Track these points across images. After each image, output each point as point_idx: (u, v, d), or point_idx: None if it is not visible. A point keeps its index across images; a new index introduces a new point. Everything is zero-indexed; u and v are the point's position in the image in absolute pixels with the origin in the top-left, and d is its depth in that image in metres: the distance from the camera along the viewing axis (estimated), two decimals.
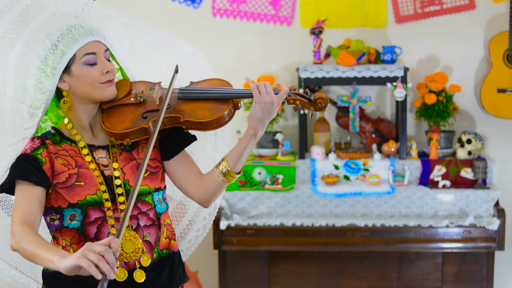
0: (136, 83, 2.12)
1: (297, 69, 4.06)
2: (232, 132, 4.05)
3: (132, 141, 2.02)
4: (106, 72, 2.00)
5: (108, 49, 2.04)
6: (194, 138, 2.15)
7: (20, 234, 1.84)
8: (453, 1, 4.22)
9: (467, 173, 3.92)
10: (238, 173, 2.09)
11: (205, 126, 2.01)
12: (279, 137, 4.09)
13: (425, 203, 3.81)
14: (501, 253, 3.99)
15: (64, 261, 1.72)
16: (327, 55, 4.10)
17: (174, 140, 2.11)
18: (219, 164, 2.08)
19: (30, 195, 1.92)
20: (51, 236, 2.07)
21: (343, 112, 4.20)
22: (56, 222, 1.99)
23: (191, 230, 2.39)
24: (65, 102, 2.00)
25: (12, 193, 1.98)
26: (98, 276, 1.66)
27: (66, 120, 2.05)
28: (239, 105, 2.09)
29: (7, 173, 1.99)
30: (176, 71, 2.04)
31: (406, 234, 3.76)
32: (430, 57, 4.29)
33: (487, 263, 3.82)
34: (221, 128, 2.17)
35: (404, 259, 3.85)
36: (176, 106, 2.03)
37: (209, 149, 2.33)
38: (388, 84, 3.95)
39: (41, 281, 2.24)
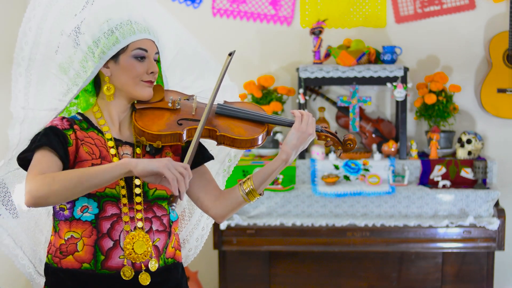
0: (169, 91, 2.15)
1: (297, 69, 4.06)
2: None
3: (162, 144, 2.03)
4: (151, 73, 2.02)
5: (158, 52, 2.06)
6: (212, 158, 2.18)
7: (50, 175, 1.83)
8: (453, 1, 4.22)
9: (467, 173, 3.92)
10: (260, 194, 2.12)
11: (238, 143, 2.05)
12: (279, 137, 4.09)
13: (425, 203, 3.81)
14: (501, 253, 3.99)
15: (142, 163, 1.80)
16: (327, 55, 4.10)
17: (197, 152, 2.12)
18: (244, 182, 2.10)
19: (51, 160, 1.91)
20: (52, 226, 2.05)
21: (343, 112, 4.20)
22: (66, 212, 1.98)
23: (196, 229, 2.40)
24: (109, 88, 2.01)
25: (26, 168, 1.97)
26: (176, 192, 1.79)
27: (95, 108, 2.06)
28: (271, 132, 2.14)
29: (25, 144, 1.99)
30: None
31: (406, 234, 3.76)
32: (430, 57, 4.29)
33: (487, 263, 3.82)
34: (234, 158, 2.32)
35: (404, 259, 3.85)
36: (213, 120, 2.07)
37: (213, 172, 2.34)
38: (388, 84, 3.95)
39: (40, 269, 2.23)
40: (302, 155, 4.02)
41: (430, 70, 4.27)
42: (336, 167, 3.97)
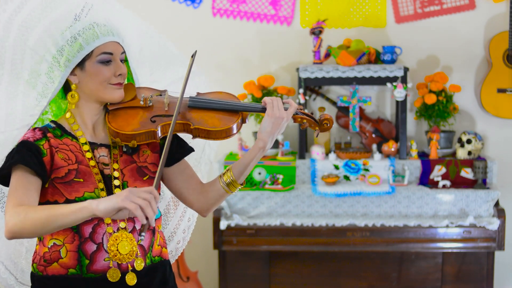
0: (141, 89, 2.14)
1: (297, 69, 4.06)
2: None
3: (138, 143, 2.02)
4: (119, 75, 2.00)
5: (124, 52, 2.04)
6: (192, 150, 2.17)
7: (24, 210, 1.82)
8: (453, 1, 4.22)
9: (467, 173, 3.92)
10: (241, 184, 2.11)
11: (214, 135, 2.04)
12: (279, 137, 4.09)
13: (425, 203, 3.81)
14: (501, 253, 3.99)
15: (103, 203, 1.74)
16: (327, 55, 4.10)
17: (176, 147, 2.12)
18: (224, 174, 2.10)
19: (27, 183, 1.90)
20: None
21: (343, 112, 4.20)
22: None
23: (182, 221, 2.40)
24: (73, 96, 2.00)
25: (6, 184, 1.96)
26: (144, 221, 1.72)
27: (68, 115, 2.04)
28: (247, 120, 2.13)
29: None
30: (192, 55, 2.09)
31: (406, 234, 3.76)
32: (430, 57, 4.29)
33: (487, 263, 3.82)
34: (213, 144, 2.32)
35: (404, 259, 3.85)
36: (186, 113, 2.06)
37: (191, 163, 2.32)
38: (388, 84, 3.95)
39: (22, 280, 2.21)
40: (302, 155, 4.02)
41: (430, 70, 4.27)
42: (336, 167, 3.97)
